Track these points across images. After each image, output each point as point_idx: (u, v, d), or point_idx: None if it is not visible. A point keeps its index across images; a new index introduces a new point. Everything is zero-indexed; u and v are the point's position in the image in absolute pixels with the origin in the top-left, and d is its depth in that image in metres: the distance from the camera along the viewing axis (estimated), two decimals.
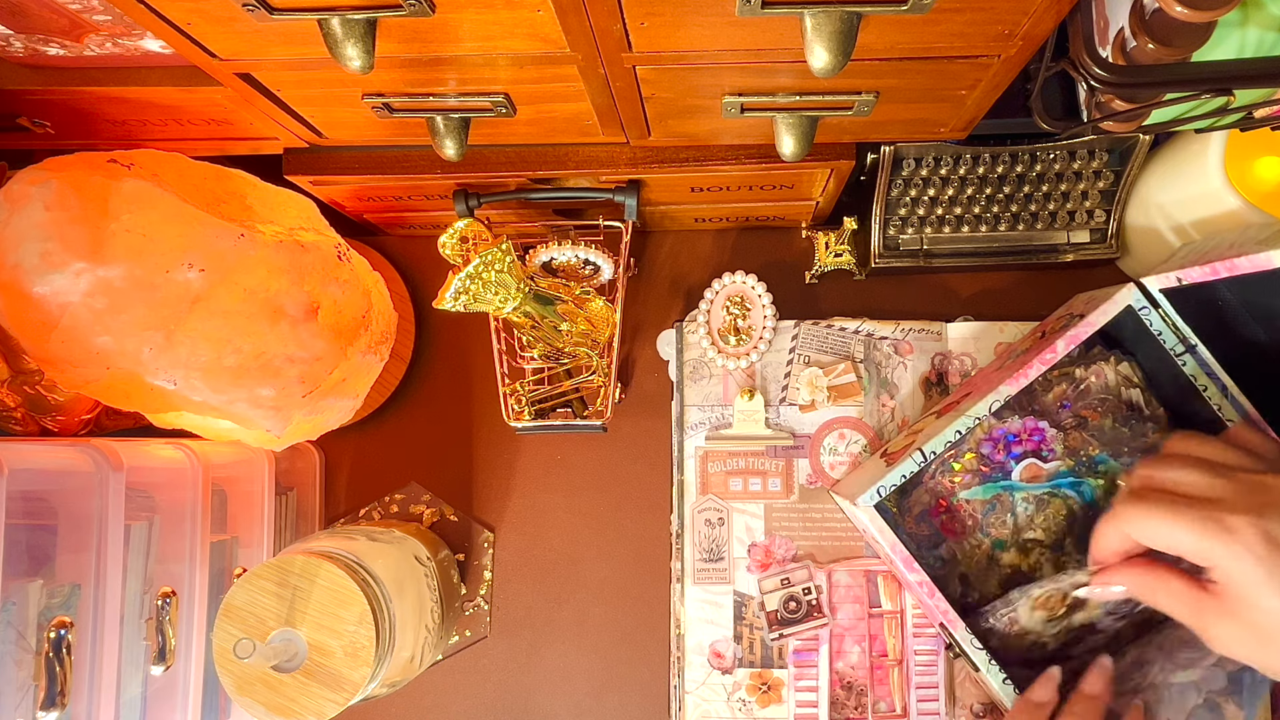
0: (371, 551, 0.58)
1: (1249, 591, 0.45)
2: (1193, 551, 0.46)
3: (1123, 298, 0.58)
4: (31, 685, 0.49)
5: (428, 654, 0.64)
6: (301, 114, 0.53)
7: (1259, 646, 0.46)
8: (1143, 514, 0.48)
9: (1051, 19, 0.41)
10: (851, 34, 0.38)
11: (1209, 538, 0.45)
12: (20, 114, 0.56)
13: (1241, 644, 0.46)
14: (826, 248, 0.72)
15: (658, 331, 0.74)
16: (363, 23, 0.39)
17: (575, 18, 0.40)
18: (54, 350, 0.49)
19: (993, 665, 0.57)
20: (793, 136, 0.50)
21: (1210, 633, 0.47)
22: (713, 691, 0.67)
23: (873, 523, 0.59)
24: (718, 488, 0.70)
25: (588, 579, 0.72)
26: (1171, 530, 0.47)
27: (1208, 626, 0.47)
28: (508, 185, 0.64)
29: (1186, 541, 0.46)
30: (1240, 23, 0.46)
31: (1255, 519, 0.45)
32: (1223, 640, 0.47)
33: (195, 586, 0.59)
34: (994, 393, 0.58)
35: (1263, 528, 0.45)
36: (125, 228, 0.49)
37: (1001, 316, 0.71)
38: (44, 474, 0.53)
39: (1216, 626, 0.47)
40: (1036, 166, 0.64)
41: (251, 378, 0.53)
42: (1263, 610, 0.45)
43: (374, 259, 0.72)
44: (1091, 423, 0.63)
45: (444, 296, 0.55)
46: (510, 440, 0.74)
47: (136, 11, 0.41)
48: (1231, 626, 0.46)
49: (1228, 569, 0.45)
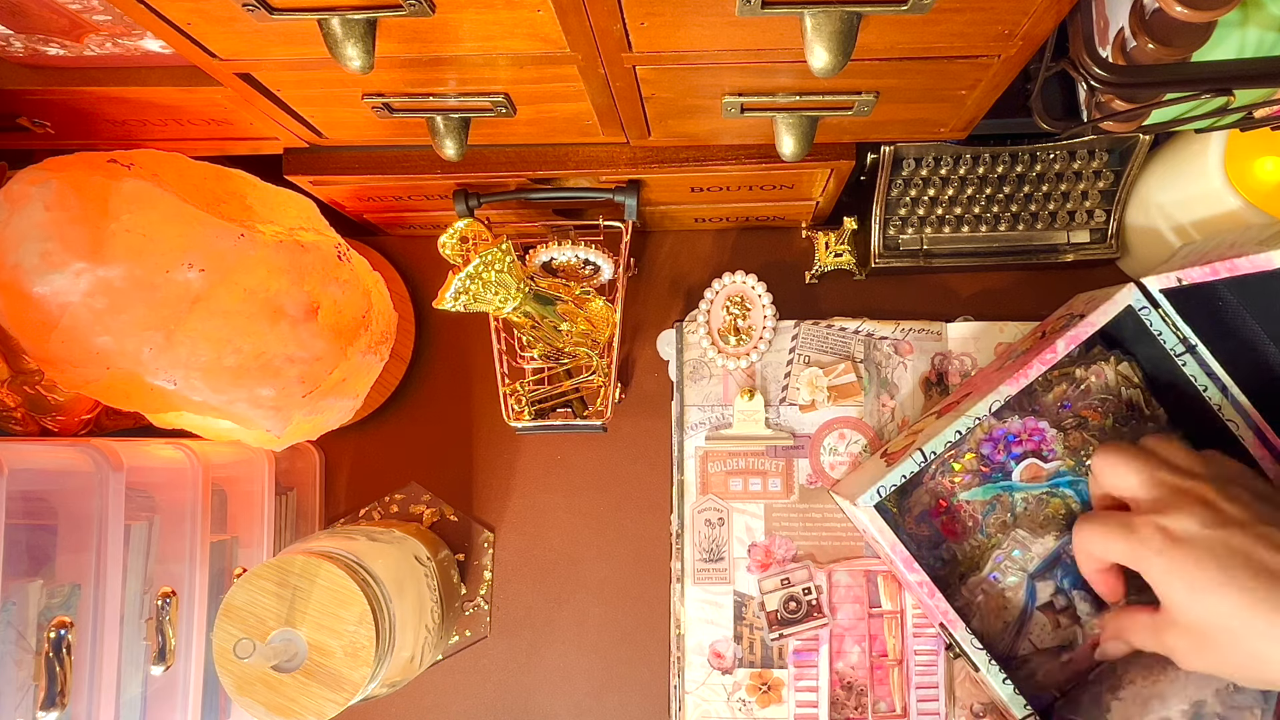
0: (371, 551, 0.58)
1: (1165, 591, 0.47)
2: (1123, 559, 0.49)
3: (1123, 298, 0.58)
4: (31, 685, 0.49)
5: (428, 654, 0.64)
6: (301, 114, 0.53)
7: (1204, 650, 0.47)
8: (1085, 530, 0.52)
9: (1051, 19, 0.41)
10: (851, 34, 0.38)
11: (1119, 541, 0.49)
12: (20, 114, 0.56)
13: (1192, 653, 0.47)
14: (826, 248, 0.72)
15: (658, 331, 0.74)
16: (363, 23, 0.39)
17: (575, 18, 0.40)
18: (54, 350, 0.49)
19: (993, 665, 0.57)
20: (793, 136, 0.50)
21: (1172, 651, 0.49)
22: (713, 691, 0.67)
23: (873, 523, 0.59)
24: (718, 488, 0.70)
25: (588, 579, 0.72)
26: (1103, 543, 0.50)
27: (1167, 645, 0.49)
28: (508, 185, 0.64)
29: (1113, 550, 0.50)
30: (1240, 23, 0.46)
31: (1153, 516, 0.47)
32: (1181, 654, 0.48)
33: (195, 586, 0.59)
34: (994, 393, 0.58)
35: (1158, 524, 0.47)
36: (125, 228, 0.49)
37: (1001, 316, 0.71)
38: (44, 474, 0.53)
39: (1171, 641, 0.48)
40: (1036, 166, 0.64)
41: (251, 378, 0.53)
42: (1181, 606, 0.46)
43: (374, 259, 0.72)
44: (1092, 423, 0.63)
45: (444, 296, 0.55)
46: (510, 440, 0.74)
47: (136, 11, 0.41)
48: (1178, 637, 0.48)
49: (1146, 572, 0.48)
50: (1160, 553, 0.46)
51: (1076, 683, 0.61)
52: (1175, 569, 0.46)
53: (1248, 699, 0.54)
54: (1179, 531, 0.46)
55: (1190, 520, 0.46)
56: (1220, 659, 0.46)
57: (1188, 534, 0.46)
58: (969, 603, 0.62)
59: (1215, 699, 0.54)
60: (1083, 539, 0.53)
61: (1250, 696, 0.54)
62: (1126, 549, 0.48)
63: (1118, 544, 0.49)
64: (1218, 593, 0.45)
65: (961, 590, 0.62)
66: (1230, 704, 0.54)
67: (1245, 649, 0.45)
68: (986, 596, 0.62)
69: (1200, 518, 0.46)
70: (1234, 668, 0.46)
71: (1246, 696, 0.54)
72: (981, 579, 0.61)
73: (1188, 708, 0.54)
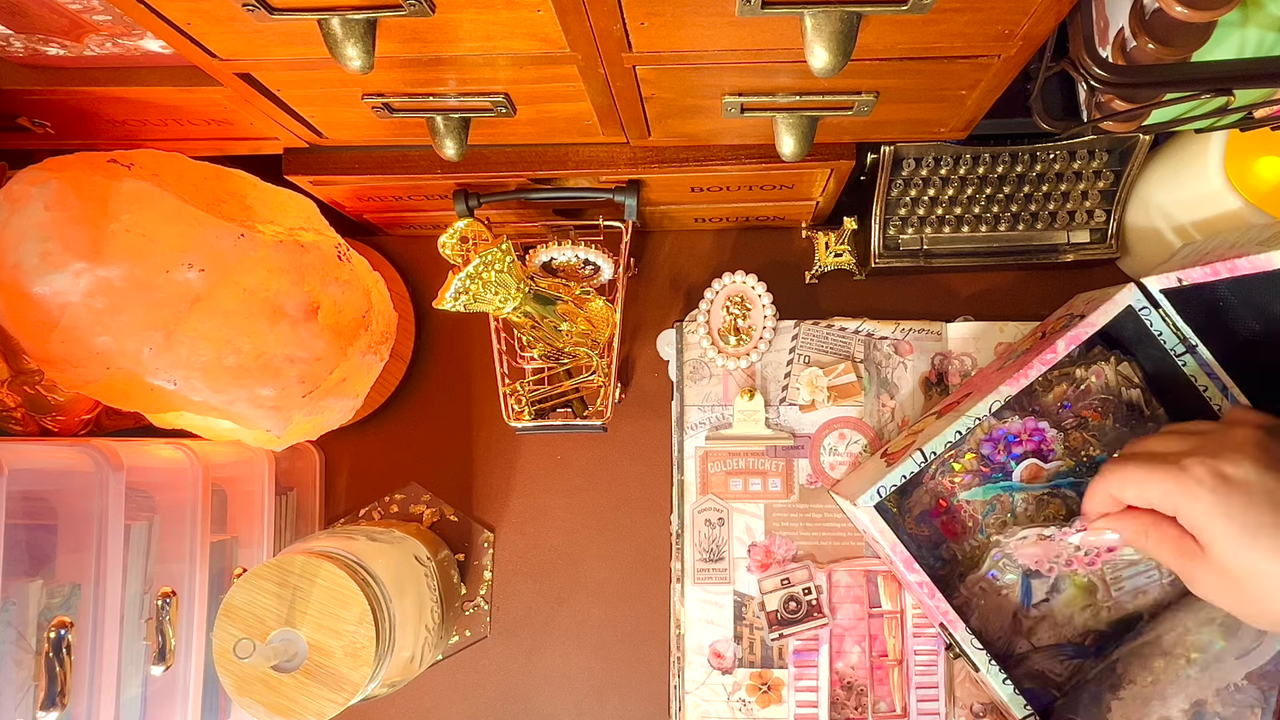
0: (371, 551, 0.58)
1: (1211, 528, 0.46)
2: (1159, 498, 0.49)
3: (1123, 298, 0.58)
4: (31, 685, 0.49)
5: (428, 654, 0.64)
6: (301, 114, 0.53)
7: (1236, 594, 0.47)
8: (1120, 470, 0.51)
9: (1051, 19, 0.41)
10: (851, 34, 0.38)
11: (1169, 481, 0.48)
12: (20, 114, 0.56)
13: (1221, 592, 0.47)
14: (826, 248, 0.72)
15: (658, 331, 0.74)
16: (363, 23, 0.39)
17: (575, 18, 0.40)
18: (54, 350, 0.49)
19: (993, 665, 0.57)
20: (793, 136, 0.50)
21: (1195, 581, 0.48)
22: (713, 691, 0.67)
23: (873, 523, 0.59)
24: (718, 488, 0.70)
25: (588, 579, 0.72)
26: (1142, 482, 0.49)
27: (1192, 574, 0.48)
28: (508, 185, 0.64)
29: (1153, 490, 0.49)
30: (1240, 23, 0.46)
31: (1207, 459, 0.47)
32: (1206, 588, 0.48)
33: (195, 586, 0.59)
34: (994, 393, 0.58)
35: (1213, 465, 0.47)
36: (125, 228, 0.49)
37: (1001, 316, 0.71)
38: (44, 474, 0.53)
39: (1200, 574, 0.48)
40: (1036, 166, 0.64)
41: (251, 378, 0.53)
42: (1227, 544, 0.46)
43: (374, 259, 0.72)
44: (1092, 423, 0.63)
45: (444, 296, 0.55)
46: (510, 440, 0.74)
47: (136, 11, 0.41)
48: (1211, 576, 0.47)
49: (1190, 511, 0.47)
50: (1214, 490, 0.46)
51: (1076, 682, 0.61)
52: (1227, 509, 0.45)
53: (1248, 698, 0.54)
54: (1235, 474, 0.46)
55: (1247, 462, 0.46)
56: (1247, 602, 0.46)
57: (1243, 476, 0.46)
58: (967, 600, 0.62)
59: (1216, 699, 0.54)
60: (1114, 479, 0.51)
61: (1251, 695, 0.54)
62: (1174, 486, 0.47)
63: (1162, 481, 0.48)
64: (1268, 538, 0.44)
65: (960, 588, 0.62)
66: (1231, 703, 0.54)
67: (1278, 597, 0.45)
68: (985, 594, 0.62)
69: (1257, 460, 0.46)
70: (1259, 613, 0.46)
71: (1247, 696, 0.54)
72: (980, 576, 0.61)
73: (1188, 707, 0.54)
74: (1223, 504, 0.46)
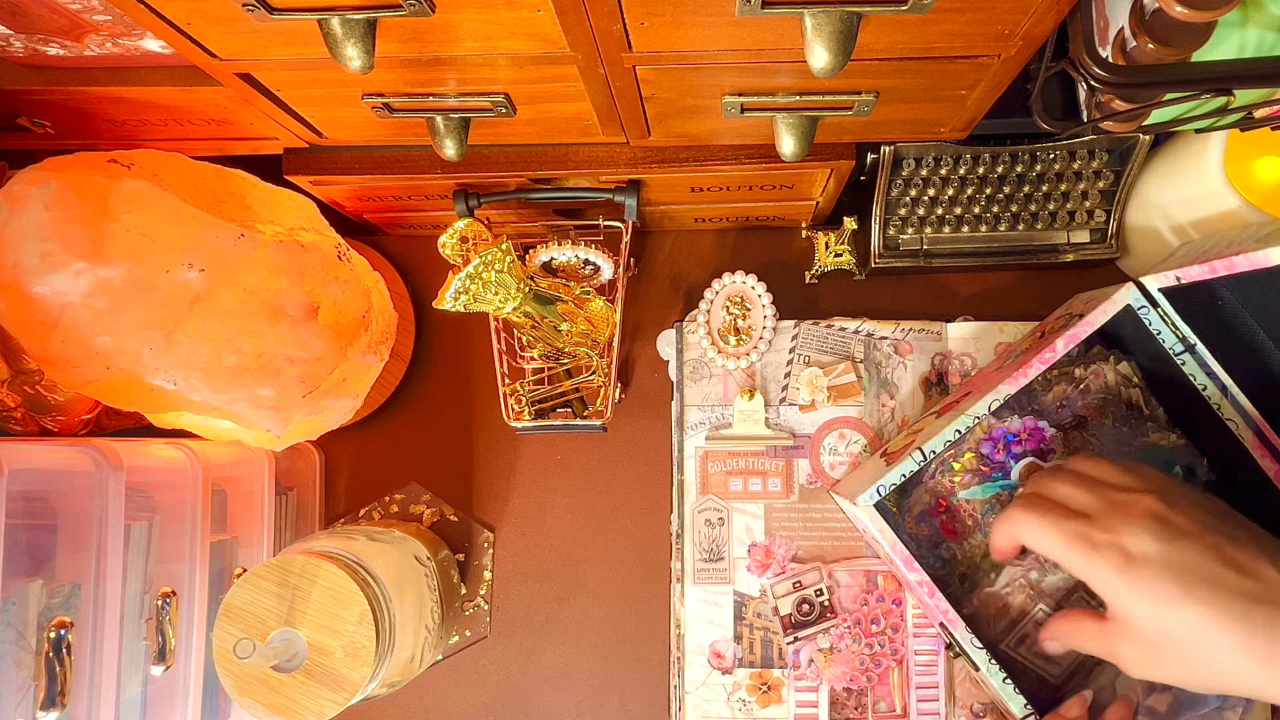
0: (371, 551, 0.58)
1: (1121, 603, 0.48)
2: (1061, 560, 0.50)
3: (1122, 297, 0.59)
4: (31, 685, 0.49)
5: (428, 654, 0.64)
6: (301, 114, 0.53)
7: (1158, 661, 0.48)
8: (1025, 519, 0.52)
9: (1051, 19, 0.41)
10: (851, 34, 0.38)
11: (1074, 551, 0.49)
12: (20, 114, 0.56)
13: (1145, 663, 0.48)
14: (826, 248, 0.72)
15: (658, 331, 0.74)
16: (363, 23, 0.39)
17: (575, 18, 0.40)
18: (54, 350, 0.49)
19: (993, 665, 0.57)
20: (793, 136, 0.50)
21: (1121, 659, 0.49)
22: (713, 691, 0.67)
23: (873, 522, 0.59)
24: (718, 488, 0.70)
25: (588, 579, 0.72)
26: (1047, 539, 0.51)
27: (1117, 653, 0.49)
28: (508, 185, 0.64)
29: (1056, 551, 0.50)
30: (1240, 23, 0.46)
31: (1110, 534, 0.48)
32: (1132, 663, 0.49)
33: (195, 586, 0.59)
34: (994, 392, 0.58)
35: (1117, 544, 0.48)
36: (125, 228, 0.49)
37: (1001, 316, 0.71)
38: (44, 474, 0.53)
39: (1122, 650, 0.49)
40: (1036, 166, 0.64)
41: (251, 378, 0.53)
42: (1140, 620, 0.47)
43: (374, 259, 0.72)
44: (1091, 422, 0.63)
45: (444, 296, 0.55)
46: (510, 440, 0.74)
47: (136, 11, 0.41)
48: (1131, 647, 0.49)
49: (1101, 587, 0.49)
50: (1121, 570, 0.47)
51: (1076, 681, 0.61)
52: (1135, 586, 0.47)
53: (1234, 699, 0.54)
54: (1137, 550, 0.47)
55: (1146, 536, 0.47)
56: (1175, 669, 0.47)
57: (1145, 552, 0.47)
58: (976, 612, 0.62)
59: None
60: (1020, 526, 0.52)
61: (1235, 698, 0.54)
62: (1084, 564, 0.49)
63: (1074, 558, 0.49)
64: (1178, 608, 0.46)
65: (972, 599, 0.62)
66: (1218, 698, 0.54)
67: (1201, 660, 0.46)
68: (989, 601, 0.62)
69: (1154, 532, 0.47)
70: (1189, 676, 0.47)
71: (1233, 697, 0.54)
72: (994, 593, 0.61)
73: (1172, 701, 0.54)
74: (1130, 582, 0.47)
